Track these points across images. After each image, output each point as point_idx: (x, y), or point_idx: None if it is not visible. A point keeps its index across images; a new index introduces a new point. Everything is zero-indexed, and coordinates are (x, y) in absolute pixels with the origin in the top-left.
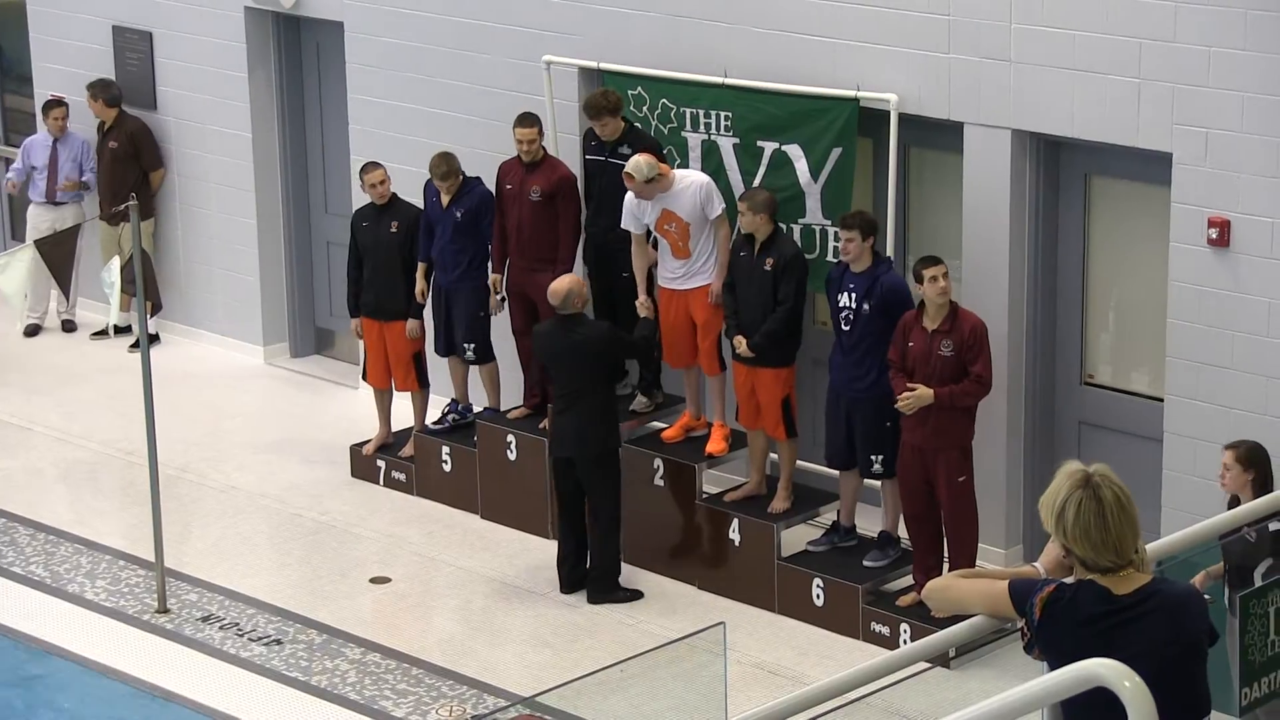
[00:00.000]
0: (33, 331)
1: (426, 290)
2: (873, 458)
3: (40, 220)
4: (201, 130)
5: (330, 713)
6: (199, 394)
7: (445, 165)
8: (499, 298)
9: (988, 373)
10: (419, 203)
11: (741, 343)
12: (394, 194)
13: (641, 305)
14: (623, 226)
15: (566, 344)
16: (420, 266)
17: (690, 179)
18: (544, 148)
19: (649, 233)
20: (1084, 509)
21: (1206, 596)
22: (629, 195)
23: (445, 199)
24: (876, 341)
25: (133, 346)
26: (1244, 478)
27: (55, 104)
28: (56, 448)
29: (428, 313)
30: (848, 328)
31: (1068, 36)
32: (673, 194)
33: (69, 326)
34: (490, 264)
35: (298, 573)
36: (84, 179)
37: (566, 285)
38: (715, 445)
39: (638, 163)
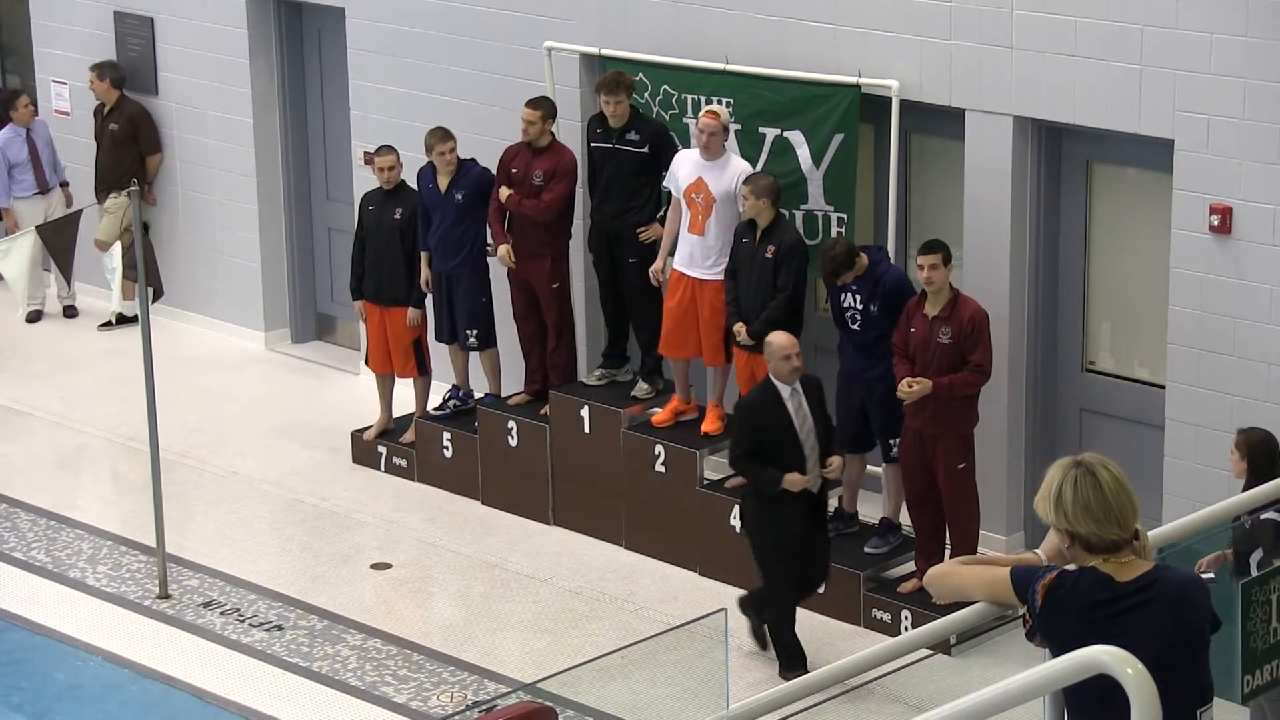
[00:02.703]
0: (34, 318)
1: (430, 279)
2: (891, 442)
3: (32, 213)
4: (203, 116)
5: (331, 698)
6: (200, 379)
7: (441, 130)
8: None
9: (987, 362)
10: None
11: (741, 330)
12: (402, 181)
13: (654, 274)
14: (664, 185)
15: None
16: (423, 256)
17: (739, 161)
18: (551, 133)
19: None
20: (1080, 485)
21: (1211, 576)
22: (680, 154)
23: (443, 181)
24: (888, 333)
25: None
26: (1240, 465)
27: (17, 93)
28: (57, 433)
29: (429, 299)
30: (857, 327)
31: (1069, 22)
32: (716, 164)
33: (70, 312)
34: (491, 240)
35: (298, 558)
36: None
37: (779, 345)
38: (710, 425)
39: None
